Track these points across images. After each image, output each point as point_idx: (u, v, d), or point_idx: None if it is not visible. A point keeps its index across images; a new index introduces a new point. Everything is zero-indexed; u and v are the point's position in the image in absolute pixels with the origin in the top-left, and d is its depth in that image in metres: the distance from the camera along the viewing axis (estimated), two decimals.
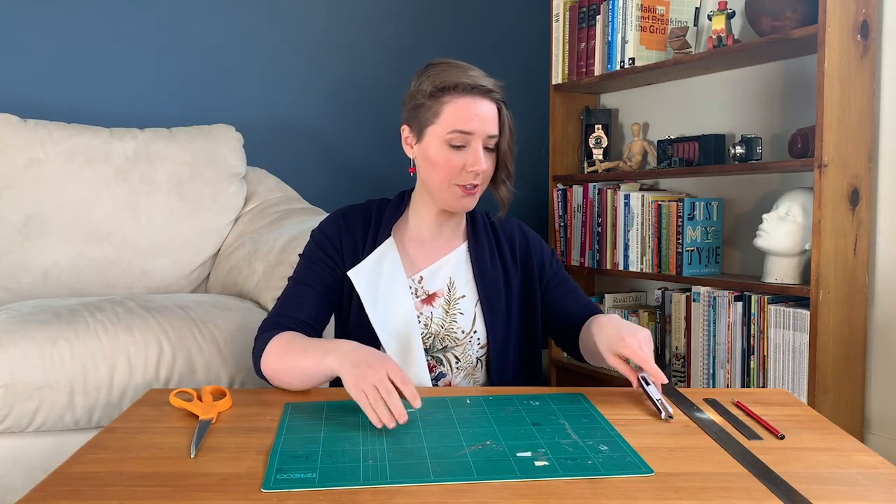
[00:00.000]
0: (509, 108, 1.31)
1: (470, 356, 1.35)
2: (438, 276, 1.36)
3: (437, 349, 1.34)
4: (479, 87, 1.26)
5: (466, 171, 1.27)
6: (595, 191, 2.68)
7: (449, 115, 1.26)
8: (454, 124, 1.25)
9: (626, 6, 2.55)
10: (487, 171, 1.29)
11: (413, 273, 1.35)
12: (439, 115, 1.27)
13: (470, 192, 1.29)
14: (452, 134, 1.26)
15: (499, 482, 0.84)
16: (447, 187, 1.29)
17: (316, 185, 2.71)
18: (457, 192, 1.29)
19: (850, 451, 0.96)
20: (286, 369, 1.18)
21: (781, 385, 2.07)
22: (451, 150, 1.27)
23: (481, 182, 1.30)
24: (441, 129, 1.27)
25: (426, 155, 1.30)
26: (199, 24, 2.58)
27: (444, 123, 1.26)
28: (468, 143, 1.26)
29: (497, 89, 1.29)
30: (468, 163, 1.26)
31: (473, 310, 1.35)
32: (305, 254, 1.37)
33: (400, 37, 2.88)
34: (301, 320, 1.30)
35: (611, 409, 1.11)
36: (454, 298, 1.35)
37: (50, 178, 2.05)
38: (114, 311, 1.65)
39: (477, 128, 1.26)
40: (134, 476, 0.86)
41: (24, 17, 2.36)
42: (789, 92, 2.30)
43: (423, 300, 1.34)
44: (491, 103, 1.28)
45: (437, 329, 1.34)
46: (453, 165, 1.27)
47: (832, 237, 1.97)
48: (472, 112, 1.26)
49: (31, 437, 1.55)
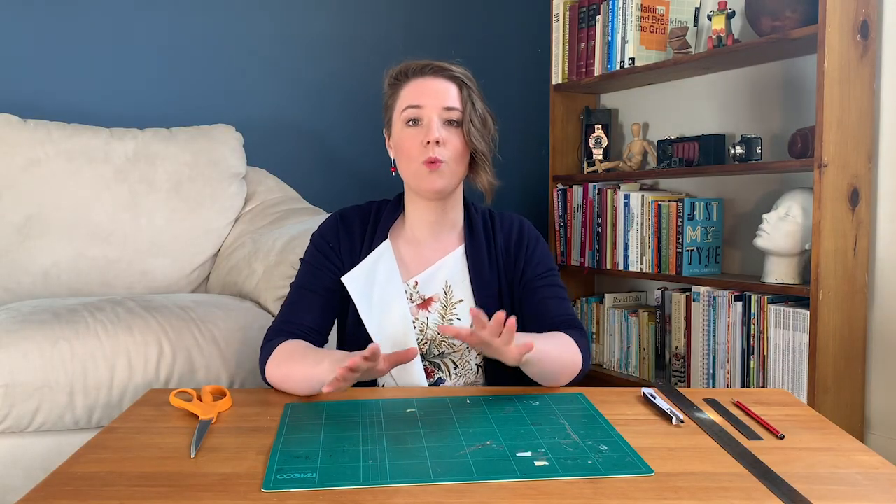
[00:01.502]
0: (481, 95, 1.31)
1: (468, 362, 1.33)
2: (434, 280, 1.34)
3: (433, 355, 1.32)
4: (429, 66, 1.29)
5: (424, 145, 1.26)
6: (595, 191, 2.68)
7: (403, 97, 1.29)
8: (406, 101, 1.28)
9: (626, 6, 2.55)
10: (452, 148, 1.27)
11: (409, 277, 1.34)
12: (396, 101, 1.31)
13: (432, 167, 1.26)
14: (406, 111, 1.28)
15: (499, 482, 0.84)
16: (415, 168, 1.27)
17: (316, 185, 2.71)
18: (422, 171, 1.27)
19: (850, 451, 0.96)
20: (289, 377, 1.18)
21: (781, 385, 2.07)
22: (408, 129, 1.28)
23: (445, 158, 1.26)
24: (398, 113, 1.30)
25: (395, 144, 1.32)
26: (200, 24, 2.58)
27: (400, 105, 1.29)
28: (421, 117, 1.27)
29: (454, 68, 1.29)
30: (423, 137, 1.26)
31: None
32: (306, 259, 1.37)
33: (400, 37, 2.88)
34: (305, 326, 1.30)
35: (611, 409, 1.11)
36: (451, 303, 1.33)
37: (50, 178, 2.05)
38: (114, 311, 1.65)
39: (427, 101, 1.27)
40: (134, 476, 0.86)
41: (25, 17, 2.36)
42: (789, 92, 2.30)
43: (419, 305, 1.32)
44: (445, 80, 1.29)
45: (433, 335, 1.32)
46: (412, 143, 1.27)
47: (832, 237, 1.97)
48: (422, 88, 1.28)
49: (31, 437, 1.55)
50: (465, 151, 1.29)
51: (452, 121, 1.28)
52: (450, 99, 1.28)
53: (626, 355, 2.64)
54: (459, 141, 1.28)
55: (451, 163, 1.27)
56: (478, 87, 1.32)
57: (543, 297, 1.33)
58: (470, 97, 1.29)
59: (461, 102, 1.28)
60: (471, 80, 1.31)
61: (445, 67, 1.29)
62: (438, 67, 1.29)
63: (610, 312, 2.70)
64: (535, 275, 1.35)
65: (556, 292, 1.35)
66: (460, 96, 1.28)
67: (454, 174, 1.29)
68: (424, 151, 1.26)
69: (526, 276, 1.35)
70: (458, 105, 1.28)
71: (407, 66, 1.31)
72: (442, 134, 1.26)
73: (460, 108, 1.28)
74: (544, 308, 1.32)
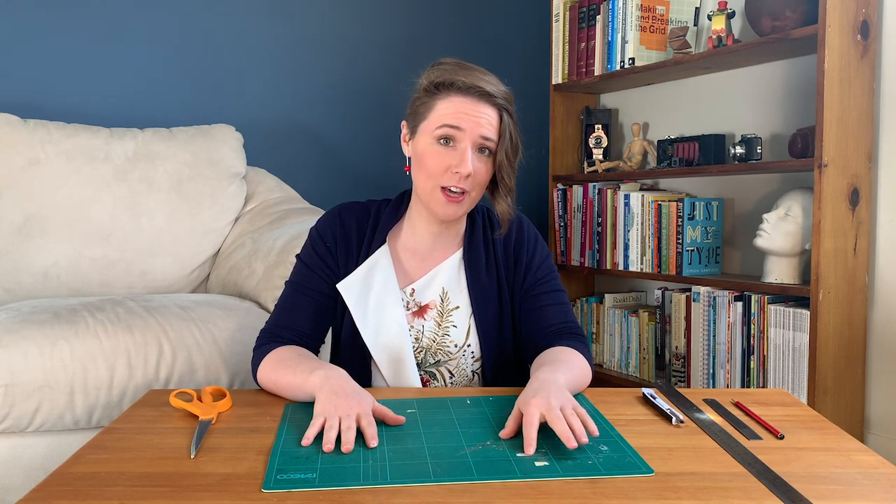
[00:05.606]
0: (516, 120, 1.25)
1: (464, 370, 1.31)
2: (431, 287, 1.31)
3: (429, 363, 1.31)
4: (475, 88, 1.20)
5: (452, 173, 1.20)
6: (595, 191, 2.68)
7: (440, 111, 1.21)
8: (443, 119, 1.20)
9: (626, 6, 2.55)
10: (478, 178, 1.22)
11: (406, 284, 1.31)
12: (431, 111, 1.22)
13: (454, 200, 1.22)
14: (441, 129, 1.20)
15: (499, 482, 0.84)
16: (432, 188, 1.22)
17: (316, 185, 2.71)
18: (440, 198, 1.22)
19: (849, 451, 0.96)
20: (278, 386, 1.17)
21: (781, 385, 2.07)
22: (438, 147, 1.21)
23: (470, 188, 1.22)
24: (431, 125, 1.22)
25: (416, 151, 1.24)
26: (200, 24, 2.58)
27: (435, 119, 1.21)
28: (457, 141, 1.20)
29: (501, 95, 1.22)
30: (454, 163, 1.20)
31: (468, 322, 1.30)
32: (302, 257, 1.33)
33: (400, 37, 2.88)
34: (298, 331, 1.27)
35: (611, 410, 1.11)
36: (447, 310, 1.31)
37: (50, 178, 2.06)
38: (114, 311, 1.65)
39: (467, 126, 1.19)
40: (134, 476, 0.86)
41: (25, 17, 2.36)
42: (789, 92, 2.30)
43: (415, 312, 1.30)
44: (489, 107, 1.21)
45: (429, 343, 1.30)
46: (439, 163, 1.20)
47: (832, 237, 1.97)
48: (464, 109, 1.20)
49: (31, 437, 1.55)
50: (489, 178, 1.25)
51: (485, 149, 1.22)
52: (490, 129, 1.21)
53: (626, 355, 2.64)
54: (487, 170, 1.23)
55: (473, 192, 1.23)
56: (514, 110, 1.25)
57: (543, 304, 1.31)
58: (508, 127, 1.22)
59: (498, 133, 1.22)
60: (511, 103, 1.25)
61: (491, 94, 1.21)
62: (484, 92, 1.20)
63: (610, 312, 2.70)
64: (536, 280, 1.32)
65: (556, 298, 1.32)
66: (499, 126, 1.22)
67: (473, 202, 1.26)
68: (450, 177, 1.20)
69: (527, 282, 1.32)
70: (496, 136, 1.22)
71: (452, 78, 1.21)
72: (475, 165, 1.21)
73: (496, 140, 1.22)
74: (544, 315, 1.30)
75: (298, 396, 1.13)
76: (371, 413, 1.01)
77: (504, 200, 1.27)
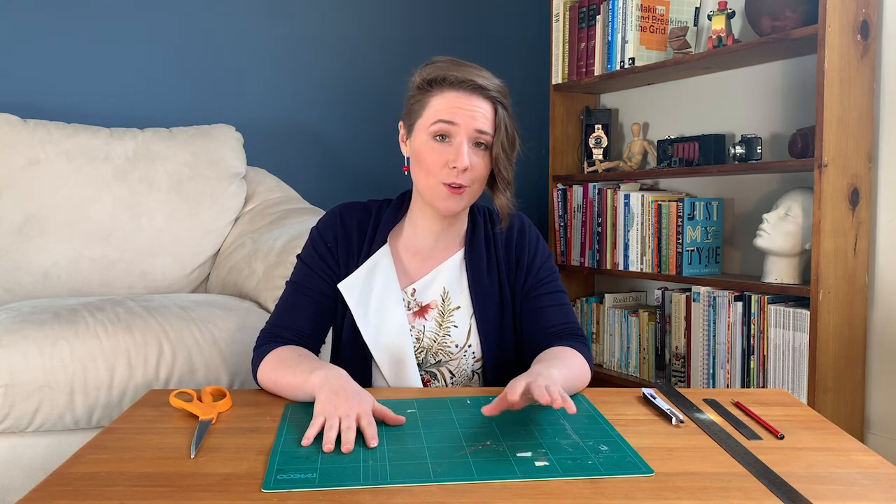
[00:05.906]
0: (511, 113, 1.25)
1: (465, 370, 1.31)
2: (432, 287, 1.31)
3: (430, 364, 1.31)
4: (468, 82, 1.20)
5: (449, 168, 1.21)
6: (595, 191, 2.68)
7: (434, 107, 1.22)
8: (438, 114, 1.21)
9: (626, 6, 2.55)
10: (476, 172, 1.22)
11: (407, 284, 1.31)
12: (426, 108, 1.23)
13: (455, 192, 1.22)
14: (436, 125, 1.21)
15: (499, 482, 0.84)
16: (432, 184, 1.23)
17: (316, 185, 2.71)
18: (442, 192, 1.22)
19: (849, 451, 0.96)
20: (278, 386, 1.17)
21: (781, 385, 2.07)
22: (435, 143, 1.22)
23: (469, 182, 1.22)
24: (426, 122, 1.22)
25: (414, 150, 1.25)
26: (200, 24, 2.58)
27: (429, 115, 1.22)
28: (452, 136, 1.21)
29: (494, 88, 1.23)
30: (451, 158, 1.20)
31: (468, 322, 1.30)
32: (302, 257, 1.33)
33: (400, 37, 2.88)
34: (298, 331, 1.27)
35: (611, 409, 1.11)
36: (448, 310, 1.31)
37: (50, 178, 2.06)
38: (114, 311, 1.65)
39: (461, 120, 1.20)
40: (134, 476, 0.86)
41: (24, 17, 2.36)
42: (789, 92, 2.30)
43: (416, 312, 1.31)
44: (483, 100, 1.22)
45: (430, 343, 1.30)
46: (436, 159, 1.21)
47: (832, 237, 1.97)
48: (458, 104, 1.20)
49: (31, 437, 1.55)
50: (488, 172, 1.26)
51: (481, 143, 1.23)
52: (484, 122, 1.21)
53: (626, 355, 2.64)
54: (485, 164, 1.24)
55: (473, 186, 1.24)
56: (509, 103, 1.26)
57: (544, 304, 1.31)
58: (503, 119, 1.23)
59: (494, 126, 1.23)
60: (506, 97, 1.25)
61: (484, 87, 1.21)
62: (477, 85, 1.21)
63: (610, 312, 2.70)
64: (537, 281, 1.33)
65: (556, 299, 1.33)
66: (494, 119, 1.23)
67: (474, 196, 1.27)
68: (448, 173, 1.21)
69: (528, 283, 1.33)
70: (491, 130, 1.22)
71: (444, 74, 1.22)
72: (472, 160, 1.21)
73: (492, 133, 1.23)
74: (545, 316, 1.31)
75: (298, 396, 1.13)
76: (371, 413, 1.02)
77: (503, 194, 1.28)
